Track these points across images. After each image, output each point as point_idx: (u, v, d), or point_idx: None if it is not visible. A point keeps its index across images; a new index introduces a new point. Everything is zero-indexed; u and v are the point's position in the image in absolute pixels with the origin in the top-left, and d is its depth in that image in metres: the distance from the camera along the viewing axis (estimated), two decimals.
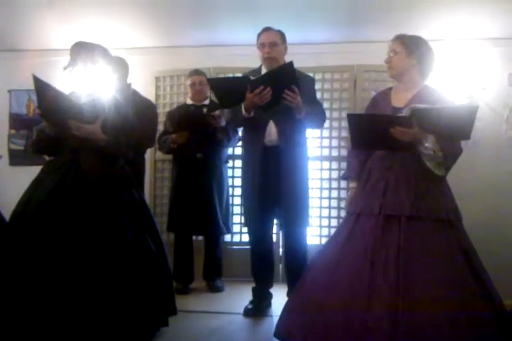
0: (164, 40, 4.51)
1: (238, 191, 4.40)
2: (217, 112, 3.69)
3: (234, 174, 4.42)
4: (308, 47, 4.30)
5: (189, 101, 4.00)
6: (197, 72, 3.95)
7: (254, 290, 3.34)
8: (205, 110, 3.89)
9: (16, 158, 4.76)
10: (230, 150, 4.30)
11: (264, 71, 3.24)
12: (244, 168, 3.41)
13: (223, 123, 3.70)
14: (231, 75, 4.26)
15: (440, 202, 2.43)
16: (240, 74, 3.65)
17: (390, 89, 2.72)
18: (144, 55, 4.51)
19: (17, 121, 4.79)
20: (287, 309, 2.57)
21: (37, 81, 2.50)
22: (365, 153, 2.67)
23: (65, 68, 2.68)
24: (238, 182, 4.41)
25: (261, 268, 3.33)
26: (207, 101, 3.97)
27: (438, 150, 2.40)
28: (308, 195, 3.30)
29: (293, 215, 3.16)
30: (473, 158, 4.03)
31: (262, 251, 3.31)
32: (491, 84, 4.18)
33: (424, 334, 2.16)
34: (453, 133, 2.37)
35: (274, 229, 3.54)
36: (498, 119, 4.18)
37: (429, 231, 2.37)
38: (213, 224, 3.84)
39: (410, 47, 2.56)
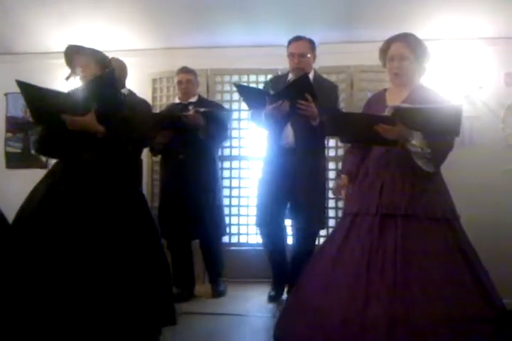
0: (161, 42, 4.50)
1: (236, 192, 4.40)
2: (191, 112, 3.54)
3: (232, 175, 4.42)
4: None
5: (177, 100, 3.90)
6: (184, 70, 3.81)
7: (273, 280, 3.54)
8: (191, 108, 3.67)
9: (13, 161, 4.74)
10: (227, 151, 4.29)
11: (290, 77, 3.42)
12: (263, 168, 3.55)
13: (201, 121, 3.52)
14: (228, 77, 4.38)
15: (436, 200, 2.44)
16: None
17: (385, 90, 2.72)
18: (141, 56, 4.49)
19: (13, 124, 4.77)
20: (286, 310, 2.57)
21: (20, 85, 2.48)
22: (361, 153, 2.67)
23: (67, 78, 2.70)
24: (236, 183, 4.41)
25: (275, 263, 3.49)
26: (194, 99, 3.81)
27: (426, 146, 2.39)
28: (324, 197, 3.45)
29: (304, 215, 3.28)
30: (470, 157, 4.03)
31: (276, 249, 3.45)
32: (487, 83, 4.18)
33: (422, 335, 2.15)
34: (440, 131, 2.35)
35: (289, 231, 3.62)
36: (495, 119, 4.19)
37: (426, 229, 2.37)
38: (203, 228, 3.62)
39: (417, 51, 2.51)
